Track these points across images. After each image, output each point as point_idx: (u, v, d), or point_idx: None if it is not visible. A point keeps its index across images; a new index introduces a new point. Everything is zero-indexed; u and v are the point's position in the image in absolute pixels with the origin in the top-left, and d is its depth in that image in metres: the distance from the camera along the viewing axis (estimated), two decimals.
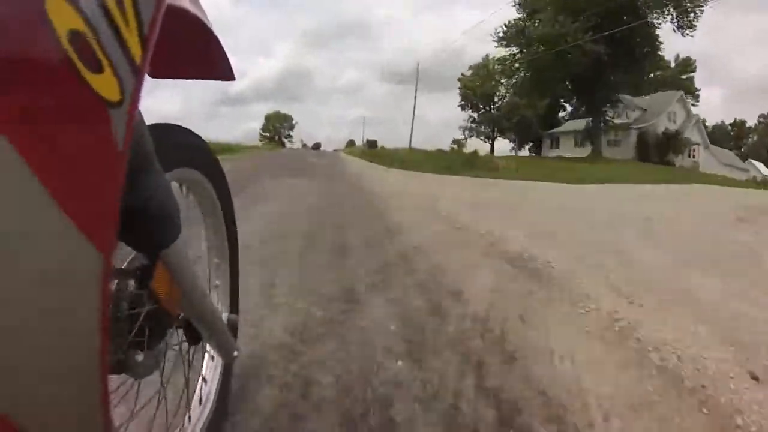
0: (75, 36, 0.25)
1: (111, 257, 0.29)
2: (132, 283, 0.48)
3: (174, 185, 0.67)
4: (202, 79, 0.73)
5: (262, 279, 1.84)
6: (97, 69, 0.27)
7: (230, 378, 0.96)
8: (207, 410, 0.83)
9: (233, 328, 0.83)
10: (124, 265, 0.50)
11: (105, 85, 0.28)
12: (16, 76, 0.22)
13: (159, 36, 0.35)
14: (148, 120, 0.46)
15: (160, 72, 0.61)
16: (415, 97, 31.28)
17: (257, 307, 1.54)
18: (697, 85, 42.52)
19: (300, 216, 3.56)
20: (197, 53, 0.63)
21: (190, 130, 0.71)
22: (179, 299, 0.55)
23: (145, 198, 0.43)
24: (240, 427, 0.93)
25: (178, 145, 0.66)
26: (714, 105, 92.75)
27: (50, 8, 0.24)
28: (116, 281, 0.47)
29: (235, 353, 0.79)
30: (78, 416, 0.30)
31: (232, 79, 0.72)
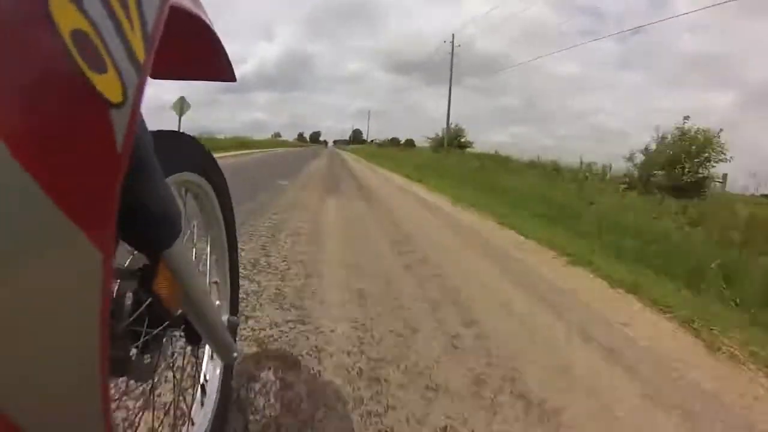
0: (78, 36, 0.25)
1: (111, 258, 0.29)
2: (133, 283, 0.48)
3: (175, 189, 0.68)
4: (203, 79, 0.73)
5: None
6: (101, 69, 0.27)
7: (230, 379, 0.96)
8: (208, 411, 0.83)
9: (233, 330, 0.83)
10: (126, 265, 0.51)
11: (108, 85, 0.28)
12: (19, 76, 0.22)
13: (161, 36, 0.35)
14: (152, 114, 0.46)
15: (161, 72, 0.61)
16: None
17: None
18: None
19: None
20: (198, 54, 0.63)
21: (191, 136, 0.72)
22: (180, 300, 0.55)
23: (146, 198, 0.43)
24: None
25: (179, 150, 0.68)
26: None
27: (54, 8, 0.24)
28: (117, 281, 0.47)
29: (235, 355, 0.79)
30: (78, 417, 0.29)
31: (233, 80, 0.72)
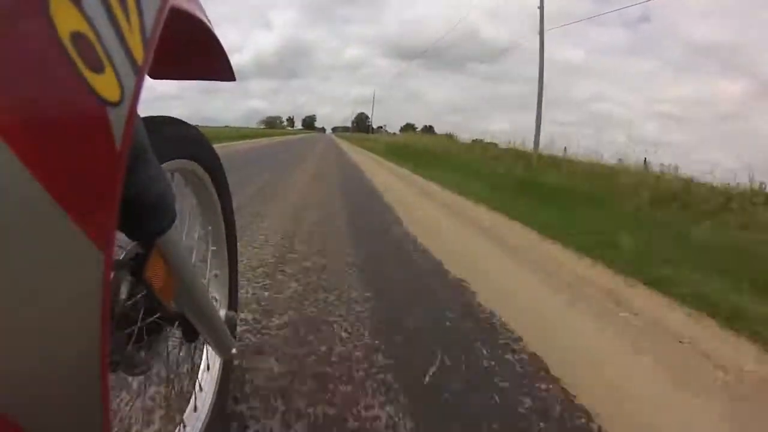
0: (77, 37, 0.25)
1: (111, 256, 0.29)
2: (127, 275, 0.47)
3: (170, 177, 0.66)
4: (202, 79, 0.73)
5: None
6: (99, 69, 0.27)
7: (229, 375, 0.96)
8: (205, 409, 0.82)
9: (231, 325, 0.82)
10: (120, 257, 0.49)
11: (105, 85, 0.28)
12: (17, 76, 0.22)
13: (160, 37, 0.35)
14: (152, 103, 0.45)
15: (159, 72, 0.61)
16: None
17: None
18: None
19: None
20: (197, 54, 0.64)
21: (186, 122, 0.70)
22: (174, 291, 0.54)
23: (140, 185, 0.42)
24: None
25: (174, 136, 0.65)
26: None
27: (54, 9, 0.24)
28: (112, 273, 0.46)
29: (233, 350, 0.78)
30: (79, 416, 0.30)
31: (232, 80, 0.72)
